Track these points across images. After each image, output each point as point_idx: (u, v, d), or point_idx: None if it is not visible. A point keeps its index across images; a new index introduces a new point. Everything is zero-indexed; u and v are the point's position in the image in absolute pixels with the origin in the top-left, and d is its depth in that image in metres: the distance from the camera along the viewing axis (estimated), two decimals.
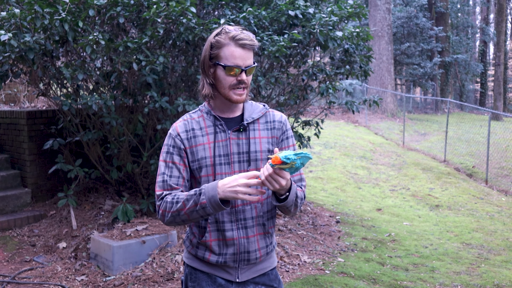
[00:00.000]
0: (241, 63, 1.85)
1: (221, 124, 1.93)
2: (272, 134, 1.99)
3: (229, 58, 1.84)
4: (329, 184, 9.57)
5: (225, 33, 1.86)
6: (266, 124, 1.99)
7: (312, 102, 7.52)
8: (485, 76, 32.27)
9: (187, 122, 1.96)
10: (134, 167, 5.48)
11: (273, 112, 2.03)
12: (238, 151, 1.92)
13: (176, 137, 1.94)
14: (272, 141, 1.98)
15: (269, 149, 1.96)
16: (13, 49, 4.43)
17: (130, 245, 4.58)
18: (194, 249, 1.99)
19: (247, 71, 1.87)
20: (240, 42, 1.84)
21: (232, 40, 1.84)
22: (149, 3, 4.73)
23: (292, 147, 2.03)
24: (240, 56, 1.84)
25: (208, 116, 1.96)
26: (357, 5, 5.81)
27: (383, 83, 19.66)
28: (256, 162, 1.93)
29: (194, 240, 1.99)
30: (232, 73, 1.85)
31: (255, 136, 1.95)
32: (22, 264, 4.88)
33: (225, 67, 1.85)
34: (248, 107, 2.00)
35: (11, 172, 6.20)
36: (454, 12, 30.71)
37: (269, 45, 4.94)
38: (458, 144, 14.23)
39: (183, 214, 1.82)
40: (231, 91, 1.88)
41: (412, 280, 4.71)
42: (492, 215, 7.87)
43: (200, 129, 1.94)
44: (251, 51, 1.88)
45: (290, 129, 2.05)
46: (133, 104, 5.29)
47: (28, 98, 8.68)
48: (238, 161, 1.92)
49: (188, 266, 2.03)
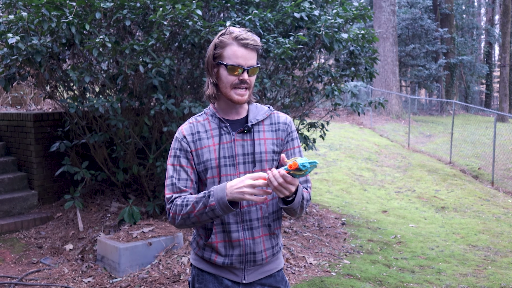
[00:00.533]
0: (243, 63, 1.86)
1: (225, 126, 1.95)
2: (277, 135, 1.99)
3: (232, 58, 1.87)
4: (335, 186, 9.56)
5: (228, 34, 1.89)
6: (270, 126, 2.00)
7: (317, 104, 7.52)
8: (490, 77, 32.17)
9: (193, 125, 1.99)
10: (140, 169, 5.50)
11: (278, 114, 2.04)
12: (243, 153, 1.93)
13: (182, 140, 1.96)
14: (276, 143, 1.98)
15: (274, 150, 1.97)
16: (20, 52, 4.46)
17: (137, 247, 4.60)
18: (200, 250, 2.01)
19: (250, 71, 1.89)
20: (243, 42, 1.86)
21: (235, 40, 1.87)
22: (155, 6, 4.75)
23: (298, 148, 2.03)
24: (242, 55, 1.86)
25: (213, 119, 1.98)
26: (362, 7, 5.82)
27: (388, 85, 19.64)
28: (261, 163, 1.94)
29: (201, 241, 2.00)
30: (235, 72, 1.87)
31: (260, 138, 1.96)
32: (29, 266, 4.90)
33: (227, 66, 1.87)
34: (253, 109, 2.01)
35: (18, 174, 6.24)
36: (459, 14, 30.65)
37: (275, 47, 4.95)
38: (464, 145, 14.18)
39: (193, 217, 1.84)
40: (233, 90, 1.90)
41: (418, 282, 4.70)
42: (499, 216, 7.84)
43: (205, 131, 1.96)
44: (254, 51, 1.89)
45: (295, 131, 2.06)
46: (139, 107, 5.31)
47: (34, 101, 8.73)
48: (243, 163, 1.93)
49: (195, 268, 2.04)
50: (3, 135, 6.75)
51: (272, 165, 1.97)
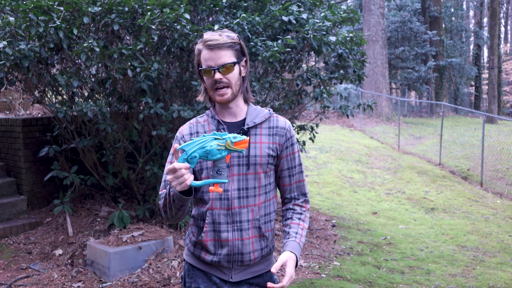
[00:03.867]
0: (213, 63, 1.90)
1: (223, 128, 1.97)
2: (274, 140, 2.01)
3: (203, 62, 1.92)
4: (325, 188, 9.59)
5: (200, 40, 1.95)
6: (268, 130, 2.01)
7: (307, 106, 7.56)
8: (479, 79, 32.43)
9: (193, 126, 2.04)
10: (129, 173, 5.49)
11: (277, 118, 2.05)
12: (238, 155, 1.95)
13: (181, 139, 2.02)
14: (273, 147, 2.00)
15: (269, 154, 1.98)
16: (8, 57, 4.44)
17: (127, 251, 4.59)
18: (192, 247, 2.05)
19: (222, 70, 1.90)
20: (208, 43, 1.90)
21: (203, 44, 1.93)
22: (143, 10, 4.75)
23: (298, 153, 2.07)
24: (210, 57, 1.90)
25: (212, 120, 2.02)
26: (350, 10, 5.86)
27: (378, 87, 19.74)
28: (255, 166, 1.96)
29: (193, 238, 2.04)
30: (208, 75, 1.92)
31: (255, 141, 1.97)
32: (19, 272, 4.87)
33: (201, 71, 1.94)
34: (252, 112, 2.03)
35: (6, 179, 6.20)
36: (448, 16, 30.89)
37: (263, 50, 4.98)
38: (453, 147, 14.29)
39: (169, 208, 1.88)
40: (213, 92, 1.94)
41: (408, 283, 4.73)
42: (487, 217, 7.91)
43: (204, 132, 2.00)
44: (223, 49, 1.90)
45: (294, 136, 2.07)
46: (128, 111, 5.30)
47: (23, 106, 8.68)
48: (237, 165, 1.95)
49: (187, 263, 2.10)
50: None
51: (266, 169, 1.99)
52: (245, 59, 1.99)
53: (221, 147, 1.69)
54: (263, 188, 1.99)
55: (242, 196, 1.95)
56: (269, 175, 2.02)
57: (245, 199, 1.96)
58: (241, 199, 1.95)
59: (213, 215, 1.95)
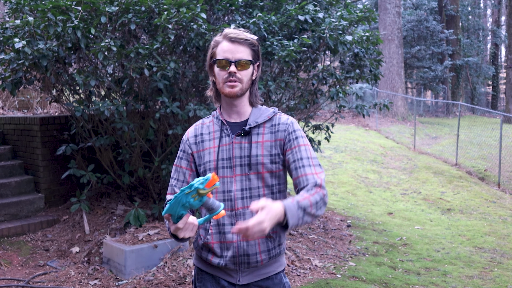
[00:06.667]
0: (230, 56, 1.90)
1: (226, 128, 1.97)
2: (276, 137, 1.97)
3: (220, 53, 1.92)
4: (340, 188, 9.55)
5: (221, 33, 1.96)
6: (271, 128, 1.99)
7: (322, 106, 7.53)
8: (496, 78, 32.04)
9: (198, 127, 2.05)
10: (145, 172, 5.52)
11: (280, 116, 2.03)
12: (240, 155, 1.94)
13: (186, 142, 2.03)
14: (275, 145, 1.96)
15: (273, 153, 1.95)
16: (26, 57, 4.50)
17: (142, 250, 4.62)
18: (199, 250, 2.04)
19: (238, 65, 1.90)
20: (229, 36, 1.91)
21: (224, 37, 1.93)
22: (160, 9, 4.78)
23: (303, 147, 1.94)
24: (229, 49, 1.90)
25: (217, 121, 2.02)
26: (366, 9, 5.82)
27: (394, 87, 19.60)
28: (257, 166, 1.93)
29: (200, 241, 2.02)
30: (223, 66, 1.91)
31: (257, 140, 1.96)
32: (36, 269, 4.93)
33: (216, 61, 1.93)
34: (255, 112, 2.01)
35: (24, 177, 6.28)
36: (465, 15, 30.56)
37: (279, 50, 4.97)
38: (470, 147, 14.12)
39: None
40: (224, 84, 1.93)
41: (424, 284, 4.69)
42: (505, 218, 7.81)
43: (208, 133, 2.01)
44: (244, 46, 1.92)
45: (298, 130, 1.99)
46: (144, 110, 5.33)
47: (41, 105, 8.79)
48: (240, 165, 1.94)
49: (196, 267, 2.09)
50: (10, 139, 6.80)
51: (272, 168, 1.94)
52: (258, 63, 2.00)
53: (196, 196, 1.64)
54: (269, 188, 1.95)
55: (245, 196, 1.93)
56: (278, 175, 1.97)
57: (249, 199, 1.93)
58: (245, 199, 1.93)
59: None
